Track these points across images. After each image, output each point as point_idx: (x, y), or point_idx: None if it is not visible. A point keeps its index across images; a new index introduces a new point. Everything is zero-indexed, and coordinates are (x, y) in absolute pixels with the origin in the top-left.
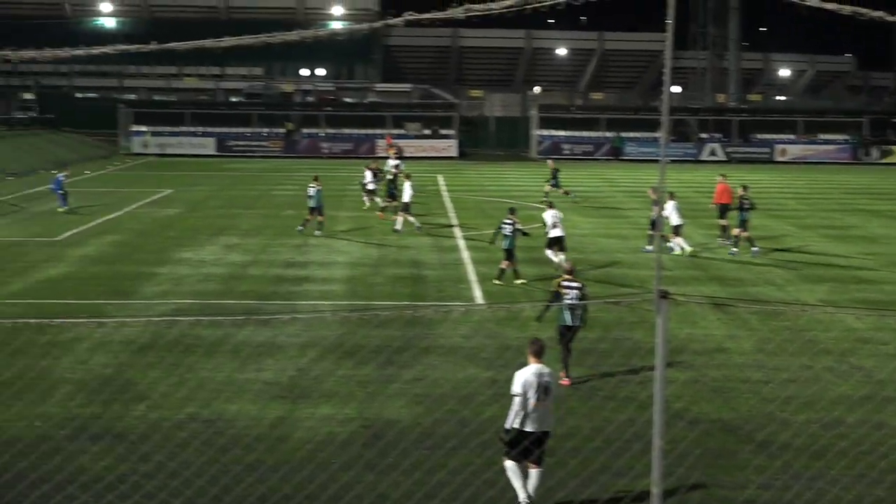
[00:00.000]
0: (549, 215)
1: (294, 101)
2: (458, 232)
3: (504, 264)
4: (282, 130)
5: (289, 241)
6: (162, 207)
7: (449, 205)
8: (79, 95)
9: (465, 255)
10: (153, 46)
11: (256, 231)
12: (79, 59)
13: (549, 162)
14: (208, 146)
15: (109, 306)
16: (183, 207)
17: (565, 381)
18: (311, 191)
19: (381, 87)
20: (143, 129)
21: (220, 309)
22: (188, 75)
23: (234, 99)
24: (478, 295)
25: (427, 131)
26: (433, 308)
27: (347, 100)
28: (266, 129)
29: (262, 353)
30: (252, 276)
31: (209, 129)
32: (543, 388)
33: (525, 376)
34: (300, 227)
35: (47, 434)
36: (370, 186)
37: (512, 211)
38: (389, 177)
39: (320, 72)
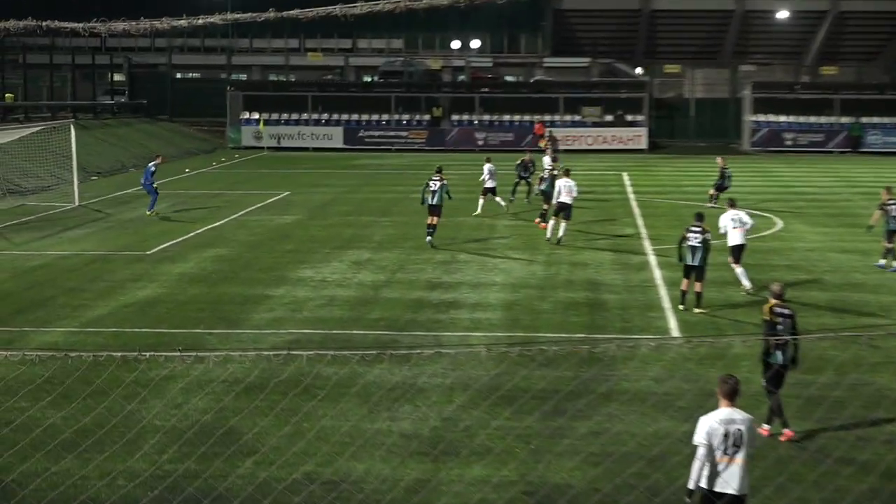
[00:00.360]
0: (726, 218)
1: (442, 81)
2: (647, 245)
3: (685, 284)
4: (426, 118)
5: (433, 255)
6: (277, 214)
7: (636, 211)
8: (178, 76)
9: (657, 274)
10: (270, 14)
11: (393, 243)
12: (180, 32)
13: (719, 160)
14: (335, 137)
15: (211, 337)
16: (302, 214)
17: (763, 431)
18: (434, 186)
19: (551, 61)
20: (255, 116)
21: (347, 341)
22: (312, 50)
23: (367, 79)
24: (673, 326)
25: (609, 117)
26: (615, 342)
27: (509, 78)
28: (406, 116)
29: (397, 398)
30: (386, 301)
31: (336, 117)
32: (733, 439)
33: (710, 423)
34: (428, 238)
35: (132, 496)
36: (489, 184)
37: (700, 217)
38: (544, 175)
39: (475, 44)
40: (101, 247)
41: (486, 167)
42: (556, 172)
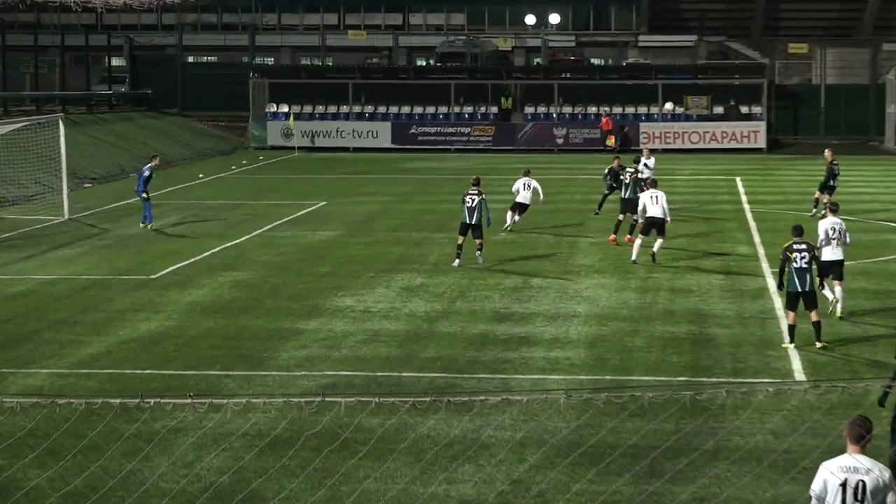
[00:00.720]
0: (823, 226)
1: (513, 65)
2: (766, 267)
3: (791, 317)
4: (494, 110)
5: (501, 280)
6: (310, 229)
7: (752, 224)
8: (190, 60)
9: (778, 303)
10: None
11: (451, 265)
12: (192, 6)
13: (828, 153)
14: (381, 135)
15: (229, 380)
16: (341, 229)
17: None
18: (471, 201)
19: (647, 40)
20: (284, 109)
21: (395, 385)
22: (353, 27)
23: (421, 63)
24: (796, 367)
25: (719, 109)
26: (725, 388)
27: (595, 61)
28: (469, 109)
29: (456, 455)
30: (443, 336)
31: (383, 110)
32: (853, 493)
33: (830, 470)
34: (457, 262)
35: None
36: (524, 198)
37: (799, 231)
38: (627, 181)
39: (554, 19)
40: (96, 270)
41: (522, 181)
42: (644, 175)
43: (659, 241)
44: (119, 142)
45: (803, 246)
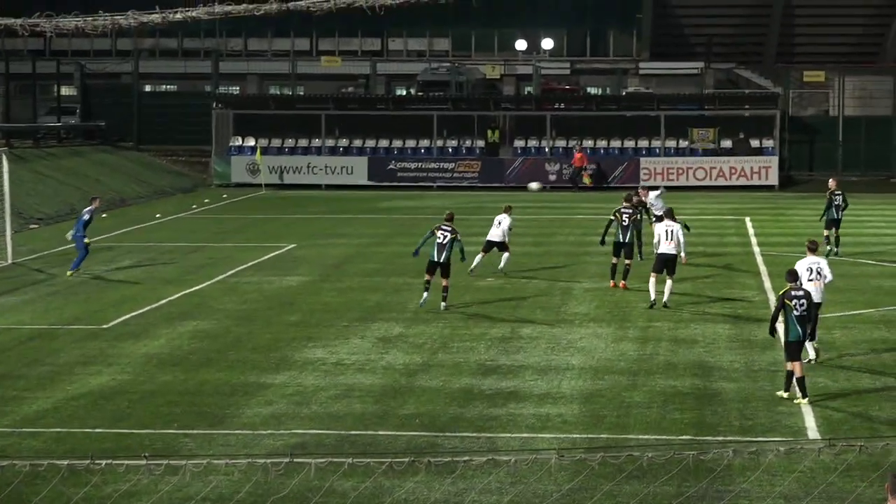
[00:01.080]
0: (802, 266)
1: (502, 95)
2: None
3: (794, 367)
4: (480, 144)
5: (487, 329)
6: (278, 274)
7: (763, 269)
8: (147, 89)
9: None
10: (272, 5)
11: (433, 314)
12: (150, 30)
13: (832, 182)
14: (357, 171)
15: (187, 439)
16: (312, 274)
17: None
18: (443, 238)
19: (649, 67)
20: (251, 143)
21: (370, 445)
22: (327, 53)
23: (400, 92)
24: (810, 424)
25: (728, 143)
26: (732, 447)
27: (592, 90)
28: (453, 143)
29: None
30: (424, 390)
31: (359, 144)
32: None
33: None
34: (424, 297)
35: None
36: (495, 235)
37: (793, 276)
38: (626, 223)
39: (546, 44)
40: (43, 319)
41: (496, 219)
42: (657, 208)
43: (668, 284)
44: (69, 179)
45: (801, 293)
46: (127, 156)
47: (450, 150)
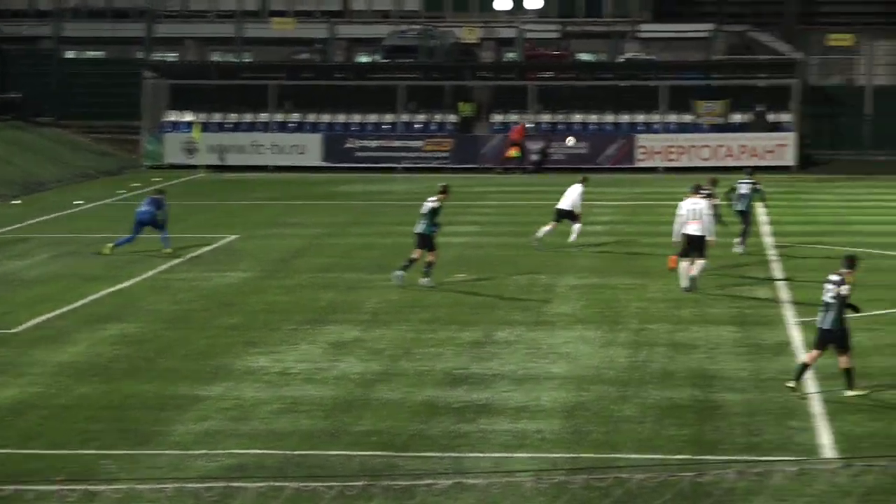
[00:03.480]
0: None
1: (479, 62)
2: (789, 316)
3: (810, 357)
4: (452, 119)
5: (456, 333)
6: (216, 269)
7: (775, 263)
8: (70, 55)
9: (805, 358)
10: None
11: (394, 315)
12: None
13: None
14: (310, 150)
15: (108, 461)
16: (256, 269)
17: None
18: (424, 207)
19: (651, 30)
20: (188, 118)
21: (320, 467)
22: (278, 14)
23: (363, 59)
24: (825, 441)
25: (739, 117)
26: (735, 467)
27: (583, 56)
28: (422, 118)
29: None
30: (382, 404)
31: (312, 119)
32: None
33: None
34: (399, 273)
35: None
36: (565, 204)
37: (849, 262)
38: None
39: (532, 3)
40: None
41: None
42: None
43: (699, 264)
44: None
45: (836, 278)
46: (44, 133)
47: (417, 126)
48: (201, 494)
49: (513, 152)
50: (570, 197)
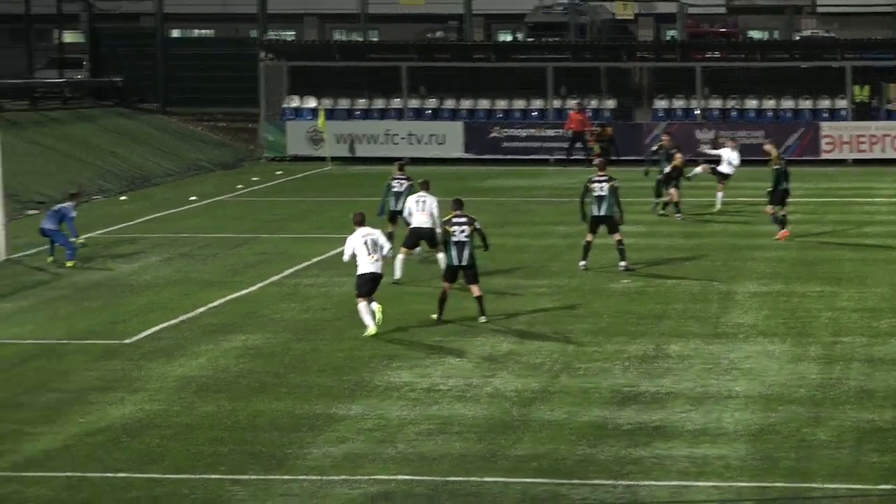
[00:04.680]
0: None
1: (637, 41)
2: None
3: None
4: (610, 105)
5: (623, 346)
6: (349, 274)
7: None
8: (176, 34)
9: None
10: None
11: (552, 323)
12: None
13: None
14: (450, 140)
15: (237, 487)
16: (392, 274)
17: None
18: (398, 186)
19: (830, 4)
20: (311, 104)
21: (474, 496)
22: None
23: (505, 37)
24: None
25: None
26: None
27: (755, 35)
28: (574, 103)
29: None
30: (542, 425)
31: (451, 105)
32: None
33: None
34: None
35: None
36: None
37: None
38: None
39: None
40: (47, 332)
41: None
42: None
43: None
44: (76, 150)
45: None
46: (150, 121)
47: (569, 112)
48: None
49: (594, 146)
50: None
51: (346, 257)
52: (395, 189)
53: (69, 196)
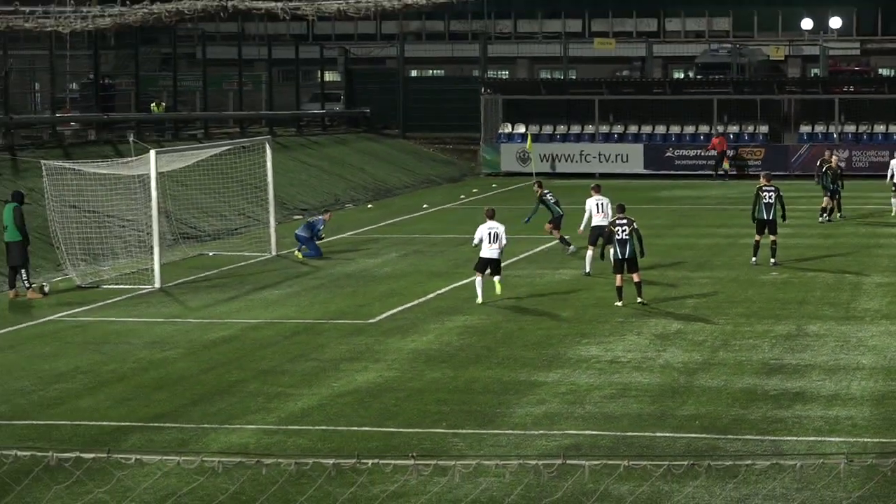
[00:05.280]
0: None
1: (786, 77)
2: None
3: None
4: (763, 130)
5: (771, 326)
6: (549, 267)
7: None
8: (413, 74)
9: None
10: None
11: (714, 308)
12: (415, 12)
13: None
14: (632, 159)
15: (457, 439)
16: (583, 266)
17: None
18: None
19: None
20: (521, 130)
21: (647, 447)
22: (600, 35)
23: (678, 75)
24: None
25: None
26: None
27: (885, 72)
28: (735, 128)
29: None
30: (704, 390)
31: (634, 130)
32: None
33: None
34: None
35: None
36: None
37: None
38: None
39: (834, 23)
40: (307, 313)
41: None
42: None
43: None
44: (333, 168)
45: None
46: (392, 143)
47: (731, 136)
48: (541, 471)
49: (726, 165)
50: None
51: (475, 242)
52: (551, 200)
53: (322, 211)
